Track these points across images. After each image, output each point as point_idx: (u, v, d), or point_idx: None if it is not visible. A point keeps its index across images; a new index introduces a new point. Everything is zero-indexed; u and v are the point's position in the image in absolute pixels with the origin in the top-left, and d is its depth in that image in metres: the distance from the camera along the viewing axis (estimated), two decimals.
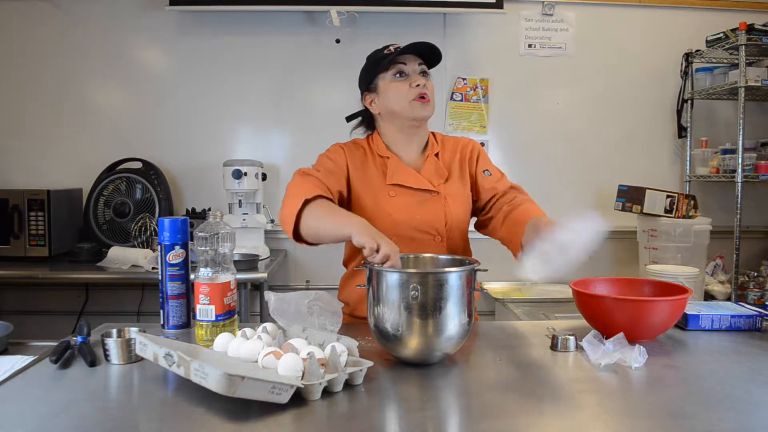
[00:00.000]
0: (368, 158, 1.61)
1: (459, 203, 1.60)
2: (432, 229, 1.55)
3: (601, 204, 3.20)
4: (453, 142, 1.68)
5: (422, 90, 1.53)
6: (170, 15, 3.03)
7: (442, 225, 1.56)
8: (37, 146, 3.08)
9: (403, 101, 1.54)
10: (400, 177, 1.57)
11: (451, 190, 1.60)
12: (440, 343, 1.16)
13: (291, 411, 0.95)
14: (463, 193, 1.62)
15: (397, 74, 1.55)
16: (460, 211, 1.60)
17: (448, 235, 1.57)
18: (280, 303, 1.33)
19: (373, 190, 1.56)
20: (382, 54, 1.57)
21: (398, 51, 1.54)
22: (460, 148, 1.67)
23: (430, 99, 1.55)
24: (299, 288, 3.12)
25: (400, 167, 1.59)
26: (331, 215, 1.37)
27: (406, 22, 3.07)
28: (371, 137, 1.66)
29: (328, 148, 1.63)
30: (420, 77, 1.55)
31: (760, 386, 1.09)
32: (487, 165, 1.67)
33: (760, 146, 3.06)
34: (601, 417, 0.97)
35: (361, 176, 1.58)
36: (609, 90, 3.21)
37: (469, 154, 1.66)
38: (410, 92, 1.53)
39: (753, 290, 2.82)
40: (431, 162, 1.61)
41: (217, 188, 2.93)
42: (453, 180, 1.61)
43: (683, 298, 1.33)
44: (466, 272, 1.18)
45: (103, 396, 1.05)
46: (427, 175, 1.59)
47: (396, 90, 1.55)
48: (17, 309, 3.02)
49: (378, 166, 1.60)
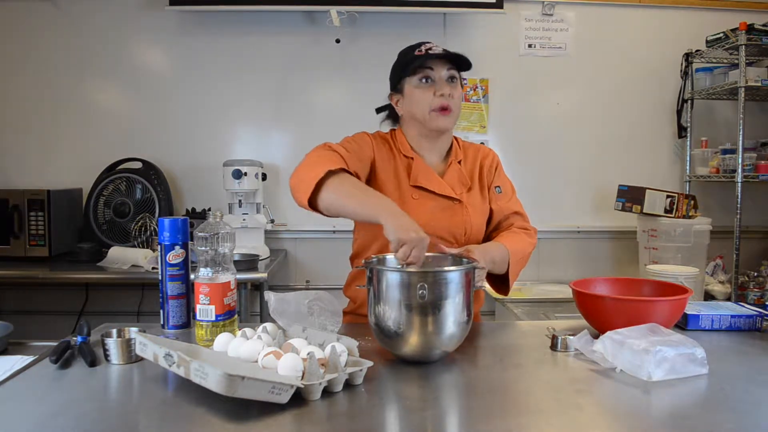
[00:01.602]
0: (393, 153, 1.57)
1: (479, 214, 1.58)
2: (450, 237, 1.53)
3: (601, 204, 3.21)
4: (474, 151, 1.66)
5: (445, 101, 1.49)
6: (170, 15, 3.03)
7: (461, 234, 1.54)
8: (38, 146, 3.08)
9: (424, 109, 1.50)
10: (423, 180, 1.54)
11: (473, 200, 1.58)
12: (440, 341, 1.17)
13: (291, 411, 0.95)
14: (483, 205, 1.60)
15: (423, 79, 1.50)
16: (480, 222, 1.58)
17: (466, 243, 1.53)
18: (280, 303, 1.33)
19: (396, 189, 1.53)
20: (412, 55, 1.51)
21: (426, 56, 1.48)
22: (481, 158, 1.64)
23: (453, 109, 1.50)
24: (299, 288, 3.12)
25: (425, 170, 1.55)
26: (362, 193, 1.31)
27: (406, 22, 3.07)
28: (394, 133, 1.62)
29: (355, 134, 1.57)
30: (446, 85, 1.49)
31: (760, 386, 1.09)
32: (500, 180, 1.65)
33: (760, 146, 3.06)
34: (601, 417, 0.97)
35: (387, 170, 1.54)
36: (609, 90, 3.21)
37: (489, 165, 1.64)
38: (433, 101, 1.49)
39: (753, 290, 2.82)
40: (454, 169, 1.58)
41: (217, 188, 2.93)
42: (475, 190, 1.59)
43: (683, 298, 1.33)
44: (465, 271, 1.19)
45: (103, 396, 1.05)
46: (450, 182, 1.56)
47: (419, 97, 1.50)
48: (17, 309, 3.02)
49: (403, 164, 1.56)
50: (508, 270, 1.51)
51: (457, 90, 1.52)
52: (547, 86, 3.20)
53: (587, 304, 1.38)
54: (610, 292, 1.47)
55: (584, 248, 3.23)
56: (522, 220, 1.63)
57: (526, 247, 1.57)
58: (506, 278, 1.52)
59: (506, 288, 1.55)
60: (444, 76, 1.50)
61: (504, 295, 1.59)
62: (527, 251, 1.57)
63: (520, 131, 3.21)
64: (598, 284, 1.48)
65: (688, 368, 1.12)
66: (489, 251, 1.43)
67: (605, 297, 1.37)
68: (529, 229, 1.62)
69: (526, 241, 1.58)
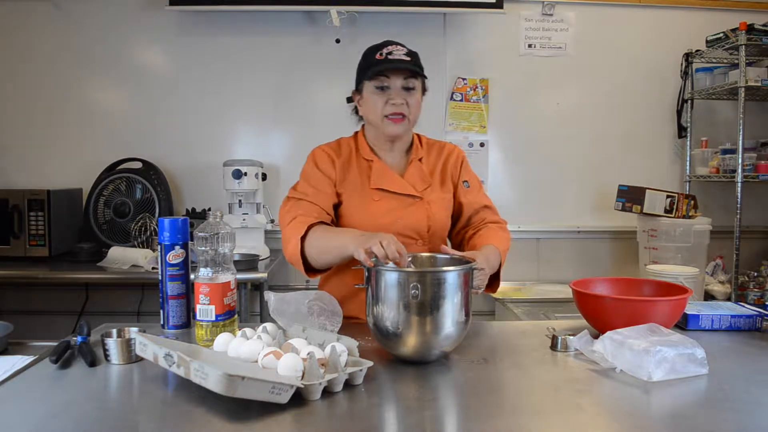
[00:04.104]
0: (353, 160, 1.62)
1: (442, 208, 1.62)
2: (414, 233, 1.57)
3: (601, 204, 3.21)
4: (438, 148, 1.70)
5: (398, 109, 1.51)
6: (170, 15, 3.03)
7: (424, 229, 1.58)
8: (38, 146, 3.08)
9: (377, 115, 1.54)
10: (383, 182, 1.58)
11: (434, 195, 1.62)
12: (438, 341, 1.17)
13: (291, 411, 0.95)
14: (445, 198, 1.64)
15: (378, 87, 1.53)
16: (442, 216, 1.62)
17: (430, 239, 1.59)
18: (280, 303, 1.33)
19: (358, 193, 1.58)
20: (372, 59, 1.53)
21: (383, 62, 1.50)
22: (445, 155, 1.69)
23: (407, 115, 1.53)
24: (299, 288, 3.12)
25: (384, 171, 1.60)
26: (328, 241, 1.42)
27: (406, 22, 3.07)
28: (357, 136, 1.68)
29: (313, 154, 1.63)
30: (400, 94, 1.52)
31: (760, 386, 1.09)
32: (468, 175, 1.70)
33: (760, 146, 3.06)
34: (601, 417, 0.97)
35: (346, 180, 1.59)
36: (609, 90, 3.21)
37: (453, 161, 1.68)
38: (386, 108, 1.52)
39: (753, 290, 2.82)
40: (415, 167, 1.62)
41: (217, 188, 2.92)
42: (435, 186, 1.63)
43: (683, 298, 1.33)
44: (463, 271, 1.19)
45: (103, 396, 1.05)
46: (411, 180, 1.60)
47: (373, 103, 1.54)
48: (17, 309, 3.01)
49: (362, 168, 1.61)
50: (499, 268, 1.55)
51: (413, 97, 1.54)
52: (547, 86, 3.20)
53: (587, 304, 1.38)
54: (610, 292, 1.47)
55: (584, 248, 3.23)
56: (492, 214, 1.67)
57: (507, 243, 1.62)
58: (496, 276, 1.55)
59: (496, 285, 1.57)
60: (399, 85, 1.52)
61: (493, 293, 1.61)
62: (508, 246, 1.62)
63: (520, 131, 3.21)
64: (598, 284, 1.49)
65: (688, 368, 1.12)
66: (489, 257, 1.45)
67: (605, 297, 1.37)
68: (501, 223, 1.67)
69: (506, 237, 1.63)
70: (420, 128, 1.70)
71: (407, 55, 1.53)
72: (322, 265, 1.47)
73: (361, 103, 1.61)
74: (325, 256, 1.43)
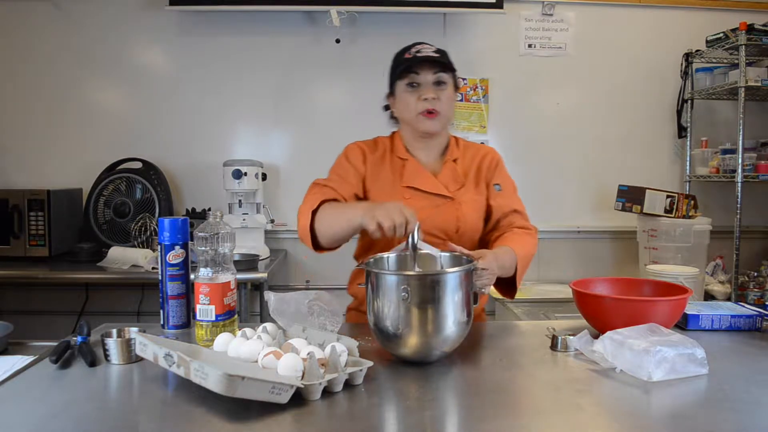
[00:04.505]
0: (386, 159, 1.62)
1: (473, 210, 1.59)
2: (442, 233, 1.55)
3: (601, 204, 3.21)
4: (474, 149, 1.68)
5: (429, 105, 1.51)
6: (170, 15, 3.03)
7: (453, 230, 1.56)
8: (38, 146, 3.08)
9: (411, 113, 1.54)
10: (416, 180, 1.58)
11: (467, 197, 1.59)
12: (439, 342, 1.16)
13: (291, 411, 0.95)
14: (477, 200, 1.61)
15: (409, 84, 1.53)
16: (473, 218, 1.59)
17: (459, 239, 1.55)
18: (280, 303, 1.33)
19: (388, 191, 1.57)
20: (401, 59, 1.55)
21: (412, 60, 1.51)
22: (480, 156, 1.66)
23: (441, 111, 1.53)
24: (299, 288, 3.12)
25: (418, 170, 1.59)
26: (338, 213, 1.42)
27: (406, 22, 3.07)
28: (394, 135, 1.67)
29: (346, 148, 1.65)
30: (431, 89, 1.52)
31: (760, 386, 1.09)
32: (500, 178, 1.66)
33: (760, 146, 3.06)
34: (601, 417, 0.97)
35: (376, 176, 1.59)
36: (609, 90, 3.21)
37: (488, 163, 1.66)
38: (418, 105, 1.52)
39: (753, 290, 2.82)
40: (449, 167, 1.61)
41: (217, 188, 2.92)
42: (468, 187, 1.61)
43: (683, 298, 1.33)
44: (463, 272, 1.18)
45: (103, 396, 1.05)
46: (444, 181, 1.59)
47: (406, 101, 1.55)
48: (17, 309, 3.01)
49: (395, 167, 1.60)
50: (516, 274, 1.50)
51: (445, 93, 1.54)
52: (547, 86, 3.20)
53: (587, 304, 1.38)
54: (610, 292, 1.47)
55: (584, 248, 3.23)
56: (522, 219, 1.63)
57: (531, 249, 1.57)
58: (513, 282, 1.52)
59: (513, 291, 1.55)
60: (430, 81, 1.52)
61: (510, 298, 1.60)
62: (532, 253, 1.58)
63: (520, 131, 3.21)
64: (598, 284, 1.48)
65: (688, 368, 1.12)
66: (499, 257, 1.41)
67: (605, 297, 1.37)
68: (530, 229, 1.62)
69: (530, 242, 1.58)
70: None
71: (436, 52, 1.54)
72: (330, 238, 1.44)
73: (395, 105, 1.61)
74: (333, 228, 1.42)
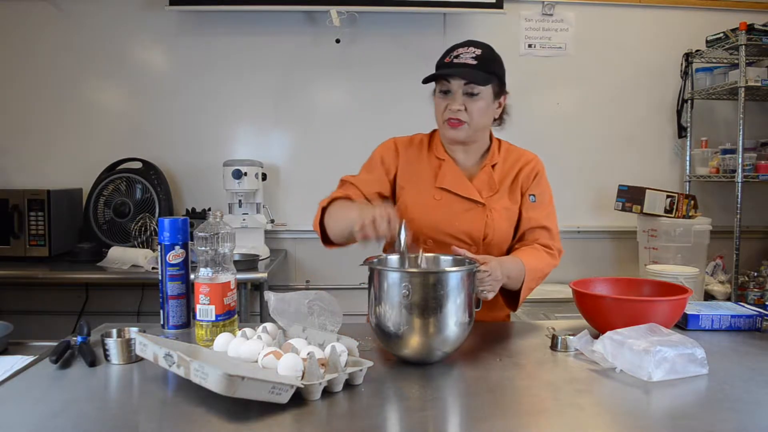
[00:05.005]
0: (423, 156, 1.59)
1: (504, 218, 1.54)
2: (468, 239, 1.52)
3: (601, 204, 3.21)
4: (516, 155, 1.63)
5: (453, 114, 1.48)
6: (170, 15, 3.03)
7: (480, 236, 1.52)
8: (38, 146, 3.08)
9: (439, 119, 1.53)
10: (449, 182, 1.54)
11: (499, 204, 1.55)
12: (440, 343, 1.16)
13: (291, 411, 0.95)
14: (510, 209, 1.56)
15: (441, 91, 1.51)
16: (503, 227, 1.54)
17: (486, 247, 1.52)
18: (280, 303, 1.33)
19: (420, 189, 1.55)
20: (440, 62, 1.52)
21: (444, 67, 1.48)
22: (521, 164, 1.60)
23: (467, 121, 1.48)
24: (299, 288, 3.12)
25: (453, 172, 1.55)
26: (342, 213, 1.41)
27: (407, 22, 3.07)
28: (434, 134, 1.63)
29: (381, 144, 1.63)
30: (459, 99, 1.48)
31: (760, 386, 1.09)
32: (537, 189, 1.60)
33: (760, 146, 3.06)
34: (601, 417, 0.97)
35: (410, 173, 1.57)
36: (609, 90, 3.21)
37: (527, 171, 1.60)
38: (445, 113, 1.50)
39: (753, 290, 2.82)
40: (486, 172, 1.57)
41: (217, 188, 2.92)
42: (502, 194, 1.56)
43: (683, 298, 1.33)
44: (465, 272, 1.18)
45: (103, 396, 1.05)
46: (478, 185, 1.55)
47: (437, 105, 1.53)
48: (17, 309, 3.01)
49: (432, 166, 1.57)
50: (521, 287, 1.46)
51: (476, 104, 1.48)
52: (547, 86, 3.20)
53: (587, 304, 1.38)
54: (610, 292, 1.47)
55: (584, 248, 3.22)
56: (548, 237, 1.57)
57: (544, 268, 1.52)
58: (517, 295, 1.48)
59: (515, 305, 1.51)
60: (460, 90, 1.48)
61: (512, 311, 1.58)
62: (545, 271, 1.53)
63: (519, 131, 3.16)
64: (598, 284, 1.48)
65: (688, 368, 1.12)
66: (505, 265, 1.39)
67: (605, 297, 1.37)
68: (552, 249, 1.56)
69: (546, 260, 1.53)
70: (421, 128, 1.69)
71: (476, 58, 1.47)
72: (336, 235, 1.45)
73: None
74: (339, 226, 1.42)
